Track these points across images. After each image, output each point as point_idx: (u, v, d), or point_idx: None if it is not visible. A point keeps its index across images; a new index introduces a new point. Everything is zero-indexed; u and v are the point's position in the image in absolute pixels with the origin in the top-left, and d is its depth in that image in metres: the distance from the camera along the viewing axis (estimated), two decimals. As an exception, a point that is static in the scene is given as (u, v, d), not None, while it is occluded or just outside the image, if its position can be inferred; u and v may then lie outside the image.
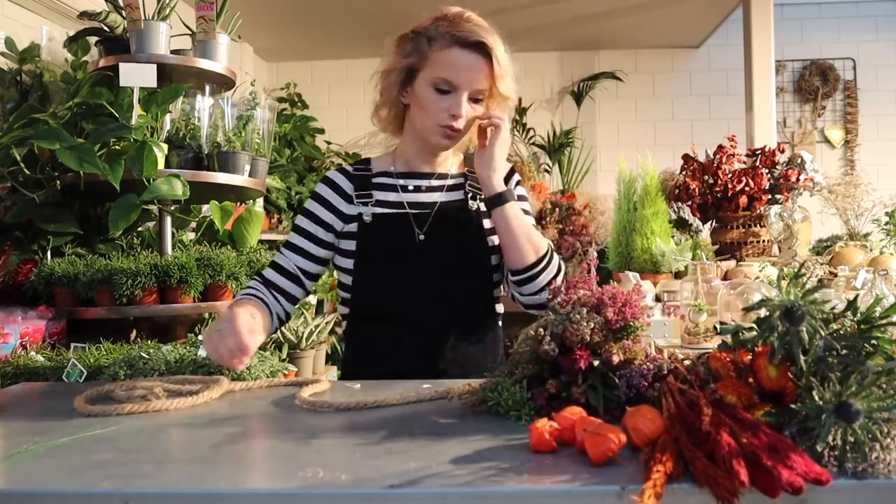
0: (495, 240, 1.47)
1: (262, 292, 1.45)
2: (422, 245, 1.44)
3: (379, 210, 1.47)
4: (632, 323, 1.02)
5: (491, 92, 1.41)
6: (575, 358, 0.97)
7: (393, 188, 1.50)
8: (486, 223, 1.48)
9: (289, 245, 1.50)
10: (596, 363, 0.98)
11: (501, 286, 1.54)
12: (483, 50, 1.37)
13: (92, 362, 1.62)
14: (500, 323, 1.55)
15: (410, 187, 1.50)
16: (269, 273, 1.49)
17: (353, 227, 1.47)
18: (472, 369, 1.26)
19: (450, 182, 1.53)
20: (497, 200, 1.40)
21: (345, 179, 1.51)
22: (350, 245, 1.47)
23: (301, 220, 1.51)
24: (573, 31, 5.71)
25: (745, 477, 0.70)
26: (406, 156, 1.52)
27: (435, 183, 1.52)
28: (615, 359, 0.97)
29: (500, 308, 1.54)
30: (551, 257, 1.44)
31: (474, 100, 1.41)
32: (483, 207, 1.47)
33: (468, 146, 1.55)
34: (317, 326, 2.40)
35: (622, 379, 0.97)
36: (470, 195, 1.50)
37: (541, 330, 1.03)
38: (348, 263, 1.47)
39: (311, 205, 1.51)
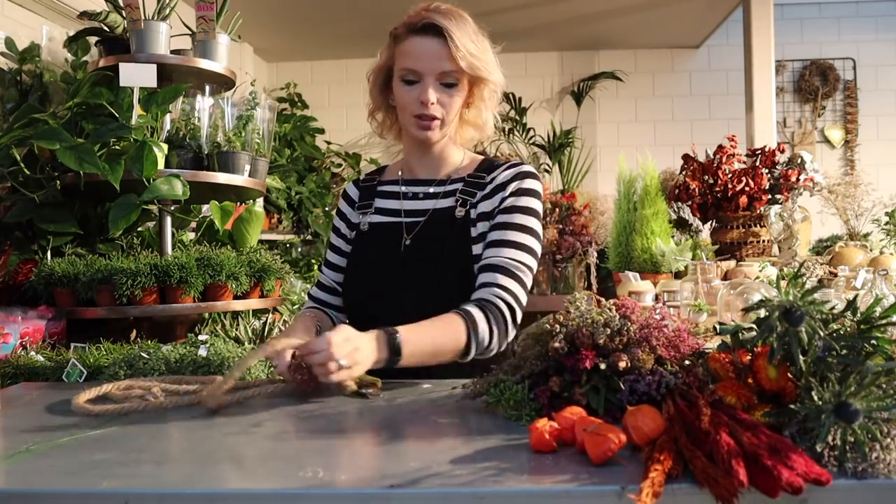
0: (481, 248, 1.42)
1: (319, 310, 1.56)
2: (405, 252, 1.44)
3: (376, 219, 1.50)
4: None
5: (464, 75, 1.39)
6: (580, 357, 0.97)
7: (396, 195, 1.51)
8: (473, 231, 1.43)
9: (326, 262, 1.59)
10: (602, 366, 0.97)
11: None
12: (438, 32, 1.36)
13: (92, 362, 1.62)
14: None
15: (411, 194, 1.50)
16: (316, 292, 1.58)
17: (354, 234, 1.53)
18: (446, 375, 1.28)
19: (448, 188, 1.48)
20: (391, 363, 1.20)
21: (355, 190, 1.59)
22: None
23: (331, 237, 1.60)
24: (573, 31, 5.71)
25: (743, 476, 0.70)
26: (409, 162, 1.53)
27: (432, 189, 1.49)
28: (622, 365, 0.96)
29: None
30: (470, 341, 1.27)
31: (447, 84, 1.39)
32: (471, 214, 1.44)
33: (481, 143, 1.54)
34: (317, 326, 2.40)
35: (626, 384, 0.96)
36: (459, 202, 1.45)
37: (556, 326, 1.02)
38: None
39: (335, 220, 1.60)
